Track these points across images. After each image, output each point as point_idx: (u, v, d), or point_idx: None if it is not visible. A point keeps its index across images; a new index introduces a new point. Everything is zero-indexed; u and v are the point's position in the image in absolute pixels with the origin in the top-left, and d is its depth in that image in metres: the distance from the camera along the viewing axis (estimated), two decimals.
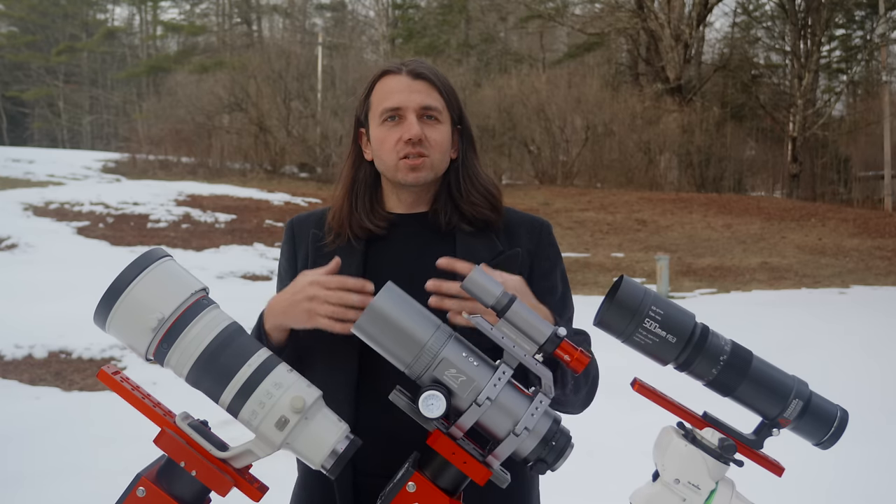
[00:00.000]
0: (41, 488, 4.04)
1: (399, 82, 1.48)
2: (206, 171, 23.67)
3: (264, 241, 13.51)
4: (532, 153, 24.29)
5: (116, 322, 1.02)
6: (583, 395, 1.44)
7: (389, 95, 1.48)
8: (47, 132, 40.68)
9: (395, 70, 1.50)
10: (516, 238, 1.52)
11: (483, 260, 1.43)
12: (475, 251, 1.48)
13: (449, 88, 1.52)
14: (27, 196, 14.66)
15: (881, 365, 6.57)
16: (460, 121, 1.55)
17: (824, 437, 1.11)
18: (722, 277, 12.78)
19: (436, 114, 1.48)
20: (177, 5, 43.55)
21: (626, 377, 1.21)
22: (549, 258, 1.55)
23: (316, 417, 1.04)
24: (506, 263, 1.47)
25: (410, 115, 1.46)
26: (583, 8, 30.35)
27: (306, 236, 1.56)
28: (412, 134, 1.44)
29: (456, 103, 1.54)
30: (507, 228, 1.53)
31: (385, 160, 1.49)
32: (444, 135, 1.50)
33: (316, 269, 1.37)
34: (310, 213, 1.62)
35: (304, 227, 1.58)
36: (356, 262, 1.48)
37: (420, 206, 1.54)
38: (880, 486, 4.10)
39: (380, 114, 1.48)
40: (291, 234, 1.59)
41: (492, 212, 1.51)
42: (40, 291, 8.66)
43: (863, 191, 24.60)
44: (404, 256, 1.50)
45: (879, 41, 25.03)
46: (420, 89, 1.48)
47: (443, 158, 1.50)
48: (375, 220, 1.50)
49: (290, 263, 1.57)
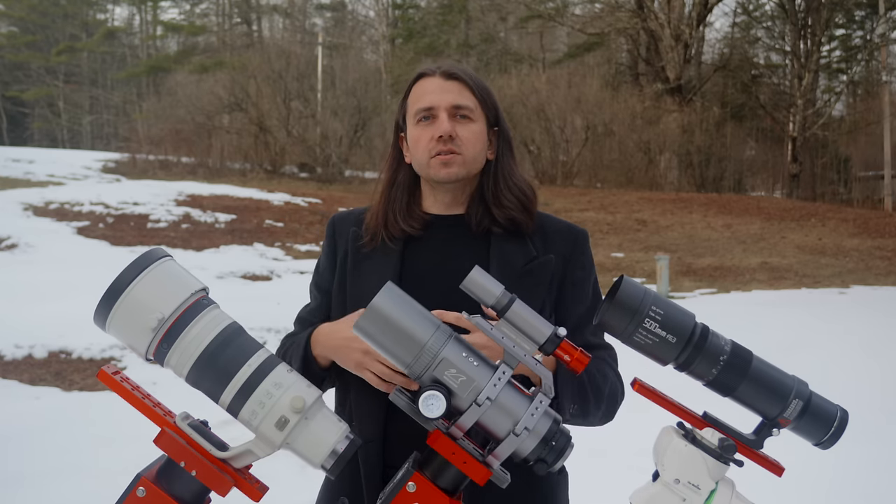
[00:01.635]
0: (41, 488, 4.04)
1: (433, 83, 1.52)
2: (206, 171, 23.68)
3: (264, 241, 13.50)
4: (532, 153, 24.29)
5: (116, 322, 1.02)
6: (600, 412, 1.46)
7: (423, 96, 1.51)
8: (47, 132, 40.68)
9: (430, 73, 1.54)
10: (551, 244, 1.53)
11: (516, 264, 1.46)
12: (508, 255, 1.49)
13: (483, 89, 1.55)
14: (27, 196, 14.65)
15: (881, 365, 6.56)
16: (497, 122, 1.57)
17: (824, 437, 1.11)
18: (722, 277, 12.78)
19: (468, 112, 1.51)
20: (177, 5, 43.58)
21: (626, 377, 1.21)
22: (584, 267, 1.55)
23: (316, 417, 1.04)
24: (538, 269, 1.49)
25: (442, 113, 1.49)
26: (583, 8, 30.38)
27: (346, 234, 1.59)
28: (442, 130, 1.47)
29: (492, 104, 1.56)
30: (543, 234, 1.55)
31: (419, 158, 1.52)
32: (477, 133, 1.52)
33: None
34: (350, 210, 1.65)
35: (344, 224, 1.61)
36: (393, 263, 1.50)
37: (457, 206, 1.56)
38: (880, 486, 4.10)
39: (414, 114, 1.52)
40: (332, 231, 1.62)
41: (522, 214, 1.52)
42: (40, 291, 8.66)
43: (863, 191, 24.60)
44: (440, 258, 1.52)
45: (879, 41, 25.03)
46: (452, 89, 1.51)
47: (476, 156, 1.52)
48: (411, 221, 1.53)
49: (331, 260, 1.60)
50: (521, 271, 1.48)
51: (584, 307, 1.52)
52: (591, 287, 1.55)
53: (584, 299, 1.52)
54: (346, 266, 1.56)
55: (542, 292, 1.48)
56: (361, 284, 1.52)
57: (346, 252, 1.57)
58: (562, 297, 1.51)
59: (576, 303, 1.50)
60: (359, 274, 1.54)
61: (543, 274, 1.49)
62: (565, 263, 1.52)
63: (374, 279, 1.49)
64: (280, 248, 13.16)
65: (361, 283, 1.52)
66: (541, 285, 1.48)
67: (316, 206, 17.07)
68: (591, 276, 1.57)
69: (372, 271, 1.52)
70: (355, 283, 1.53)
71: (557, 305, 1.51)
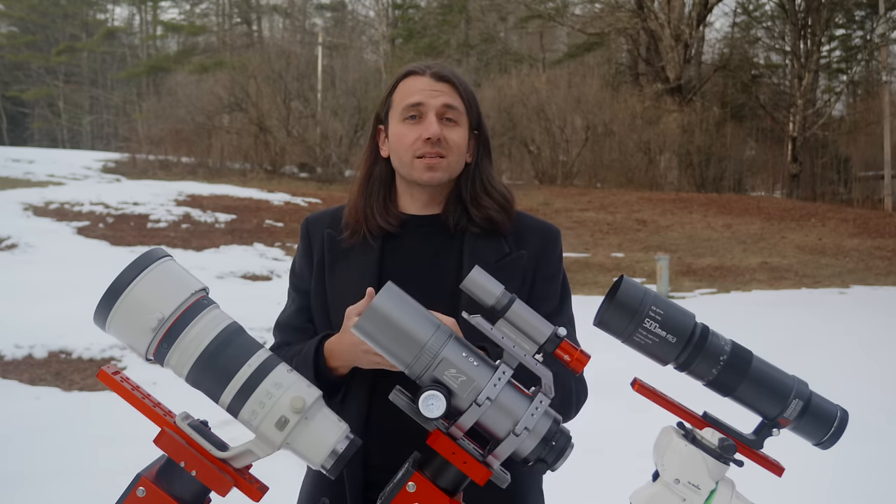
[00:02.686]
0: (41, 488, 4.04)
1: (422, 83, 1.52)
2: (206, 171, 23.67)
3: (264, 241, 13.50)
4: (532, 153, 24.29)
5: (116, 322, 1.02)
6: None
7: (412, 94, 1.51)
8: (47, 132, 40.68)
9: (420, 71, 1.54)
10: (524, 242, 1.54)
11: (488, 261, 1.46)
12: (481, 252, 1.50)
13: (470, 94, 1.55)
14: (27, 196, 14.65)
15: (881, 365, 6.57)
16: (478, 126, 1.58)
17: (824, 437, 1.11)
18: (722, 277, 12.78)
19: (455, 116, 1.51)
20: (177, 5, 43.58)
21: (626, 377, 1.21)
22: (554, 264, 1.56)
23: (316, 417, 1.04)
24: (510, 265, 1.49)
25: (431, 114, 1.49)
26: (583, 8, 30.38)
27: (320, 235, 1.58)
28: (431, 133, 1.47)
29: (475, 109, 1.57)
30: (517, 232, 1.55)
31: (402, 157, 1.51)
32: (462, 137, 1.52)
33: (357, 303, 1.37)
34: (324, 211, 1.65)
35: (318, 226, 1.61)
36: (373, 260, 1.50)
37: (433, 206, 1.56)
38: (880, 486, 4.10)
39: (401, 111, 1.51)
40: (306, 232, 1.62)
41: (499, 214, 1.53)
42: (40, 291, 8.66)
43: (863, 191, 24.60)
44: (419, 257, 1.52)
45: (879, 41, 25.03)
46: (443, 90, 1.51)
47: (458, 160, 1.53)
48: (388, 219, 1.53)
49: (307, 262, 1.60)
50: (493, 267, 1.48)
51: (552, 304, 1.52)
52: (559, 284, 1.56)
53: (553, 296, 1.53)
54: (323, 266, 1.55)
55: (514, 288, 1.47)
56: (341, 283, 1.52)
57: (322, 253, 1.57)
58: (532, 294, 1.51)
59: (544, 299, 1.51)
60: (337, 273, 1.54)
61: (515, 270, 1.50)
62: (536, 260, 1.53)
63: (353, 277, 1.49)
64: (280, 248, 13.16)
65: (341, 282, 1.52)
66: (513, 281, 1.48)
67: (316, 206, 17.07)
68: (560, 273, 1.57)
69: (351, 270, 1.52)
70: (334, 283, 1.54)
71: (527, 301, 1.51)
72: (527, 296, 1.50)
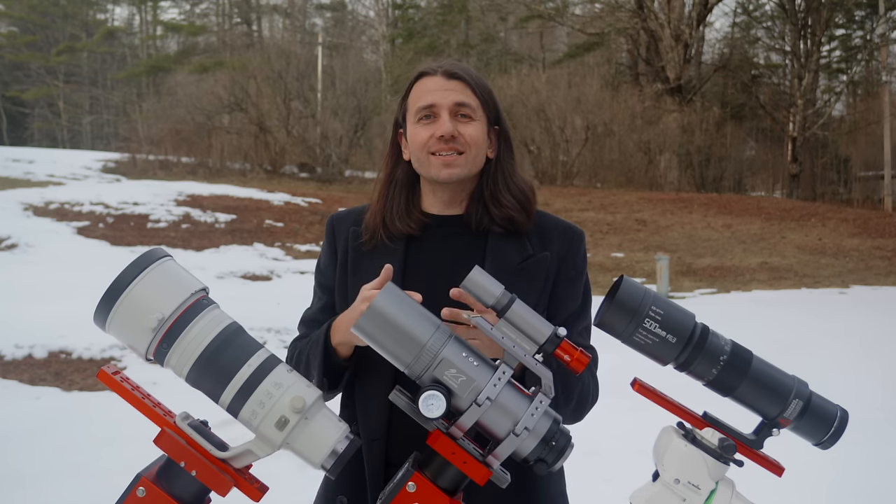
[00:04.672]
0: (41, 488, 4.04)
1: (434, 83, 1.52)
2: (206, 171, 23.67)
3: (264, 241, 13.50)
4: (532, 153, 24.27)
5: (116, 322, 1.02)
6: (569, 410, 1.44)
7: (424, 95, 1.52)
8: (47, 132, 40.66)
9: (431, 72, 1.54)
10: (548, 242, 1.54)
11: (512, 262, 1.47)
12: (504, 253, 1.50)
13: (484, 89, 1.55)
14: (27, 196, 14.65)
15: (881, 365, 6.57)
16: (497, 121, 1.58)
17: (824, 437, 1.11)
18: (722, 277, 12.78)
19: (469, 112, 1.51)
20: (177, 5, 43.59)
21: (626, 377, 1.21)
22: (577, 266, 1.56)
23: (316, 417, 1.04)
24: (533, 266, 1.50)
25: (444, 112, 1.49)
26: (583, 8, 30.39)
27: (345, 233, 1.59)
28: (444, 131, 1.48)
29: (492, 104, 1.57)
30: (541, 232, 1.55)
31: (419, 156, 1.52)
32: (478, 132, 1.52)
33: (372, 281, 1.38)
34: (350, 209, 1.66)
35: (343, 223, 1.61)
36: (396, 263, 1.50)
37: (455, 205, 1.56)
38: (880, 486, 4.10)
39: (415, 112, 1.52)
40: (331, 230, 1.63)
41: (520, 214, 1.53)
42: (40, 291, 8.66)
43: (863, 191, 24.61)
44: (442, 258, 1.52)
45: (879, 41, 25.03)
46: (454, 88, 1.51)
47: (477, 155, 1.53)
48: (409, 222, 1.53)
49: (331, 259, 1.61)
50: (516, 268, 1.49)
51: (574, 306, 1.52)
52: (582, 287, 1.56)
53: (574, 298, 1.53)
54: (347, 265, 1.56)
55: (537, 289, 1.49)
56: (364, 283, 1.52)
57: (346, 251, 1.57)
58: (554, 295, 1.51)
59: (566, 301, 1.51)
60: (360, 273, 1.54)
61: (539, 271, 1.50)
62: (560, 261, 1.53)
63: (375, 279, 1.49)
64: (280, 248, 13.16)
65: (364, 282, 1.52)
66: (536, 282, 1.49)
67: (316, 206, 17.06)
68: (584, 275, 1.57)
69: (374, 271, 1.52)
70: (356, 283, 1.53)
71: (549, 303, 1.51)
72: (548, 297, 1.50)
